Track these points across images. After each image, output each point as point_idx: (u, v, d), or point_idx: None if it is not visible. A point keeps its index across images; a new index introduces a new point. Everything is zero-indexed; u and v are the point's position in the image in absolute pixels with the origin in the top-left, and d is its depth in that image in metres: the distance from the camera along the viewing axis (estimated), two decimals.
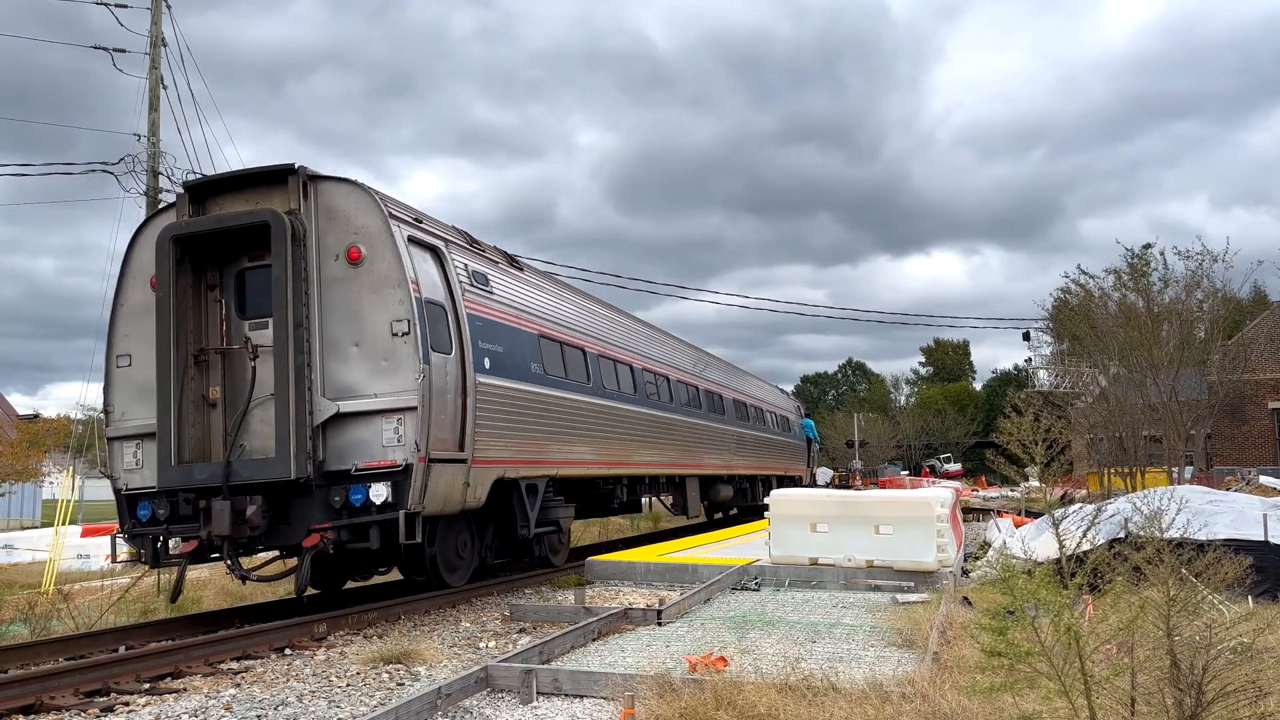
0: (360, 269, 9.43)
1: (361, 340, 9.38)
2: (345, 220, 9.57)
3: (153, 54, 21.68)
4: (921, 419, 76.40)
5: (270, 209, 9.43)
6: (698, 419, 19.59)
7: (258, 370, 9.53)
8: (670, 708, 5.37)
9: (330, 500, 9.14)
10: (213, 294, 9.90)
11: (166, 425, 9.36)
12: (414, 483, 9.09)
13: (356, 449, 9.25)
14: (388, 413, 9.19)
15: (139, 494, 9.77)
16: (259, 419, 9.46)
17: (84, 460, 35.84)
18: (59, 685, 6.85)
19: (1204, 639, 3.93)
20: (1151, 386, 25.46)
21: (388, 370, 9.26)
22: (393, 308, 9.31)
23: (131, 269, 10.16)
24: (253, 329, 9.77)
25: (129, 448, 9.94)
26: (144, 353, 9.80)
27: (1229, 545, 7.36)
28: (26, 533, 26.68)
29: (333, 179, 9.77)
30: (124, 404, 10.05)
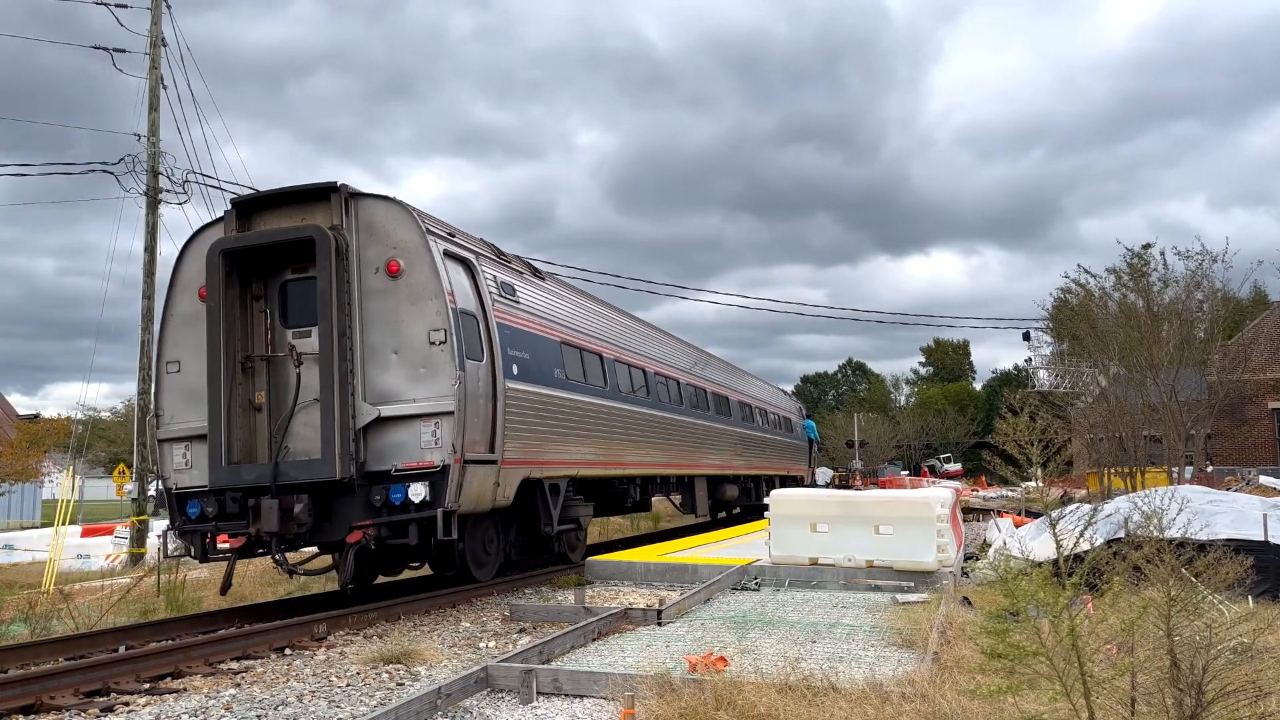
0: (399, 281, 9.98)
1: (400, 348, 9.92)
2: (385, 235, 10.10)
3: (153, 54, 21.68)
4: (921, 419, 76.40)
5: (315, 225, 9.96)
6: (706, 421, 20.10)
7: (302, 376, 10.05)
8: (670, 708, 5.37)
9: (371, 499, 9.64)
10: (258, 304, 10.40)
11: (217, 428, 9.86)
12: (451, 483, 9.59)
13: (396, 451, 9.77)
14: (425, 417, 9.71)
15: (188, 493, 10.26)
16: (302, 422, 9.97)
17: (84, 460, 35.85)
18: (59, 685, 6.85)
19: (1204, 639, 3.93)
20: (1151, 386, 25.45)
21: (425, 377, 9.79)
22: (430, 318, 9.84)
23: (180, 280, 10.71)
24: (296, 337, 10.28)
25: (178, 449, 10.47)
26: (191, 359, 10.38)
27: (1229, 545, 7.36)
28: (26, 533, 26.68)
29: (373, 196, 10.30)
30: (173, 408, 10.59)
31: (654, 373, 17.12)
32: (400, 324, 9.93)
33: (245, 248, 10.12)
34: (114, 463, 34.60)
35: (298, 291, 10.33)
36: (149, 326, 21.27)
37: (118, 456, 37.03)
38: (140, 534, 20.54)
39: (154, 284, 21.30)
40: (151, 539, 20.50)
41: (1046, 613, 4.08)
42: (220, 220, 10.61)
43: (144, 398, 21.63)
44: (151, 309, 21.28)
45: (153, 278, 21.28)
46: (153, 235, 21.29)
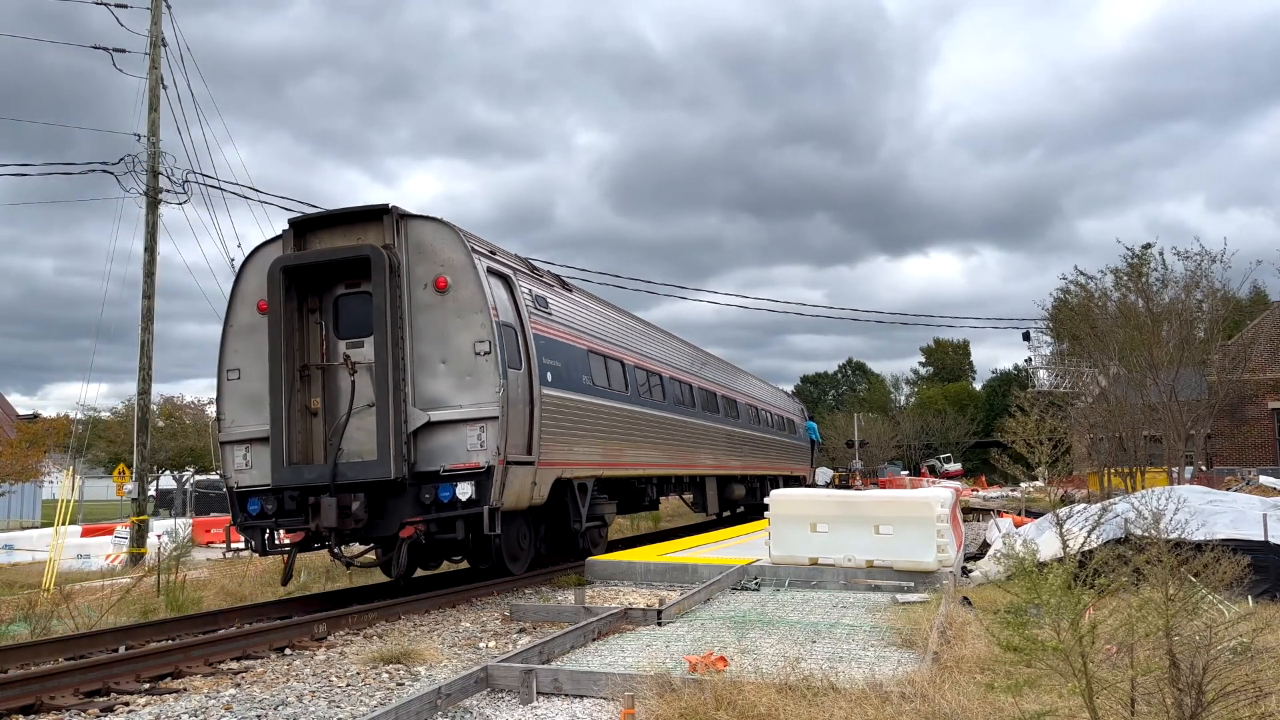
0: (447, 296, 10.76)
1: (448, 358, 10.66)
2: (433, 253, 10.87)
3: (153, 54, 21.68)
4: (921, 419, 76.40)
5: (370, 244, 10.75)
6: (717, 423, 20.92)
7: (356, 383, 10.83)
8: (670, 708, 5.37)
9: (421, 497, 10.41)
10: (313, 316, 11.16)
11: (279, 432, 10.60)
12: (495, 482, 10.36)
13: (443, 453, 10.50)
14: (472, 421, 10.46)
15: (249, 491, 10.99)
16: (356, 426, 10.74)
17: (84, 460, 35.85)
18: (59, 685, 6.85)
19: (1204, 639, 3.93)
20: (1151, 386, 25.45)
21: (471, 385, 10.55)
22: (475, 330, 10.61)
23: (240, 294, 11.45)
24: (349, 347, 11.05)
25: (239, 451, 11.18)
26: (251, 367, 11.17)
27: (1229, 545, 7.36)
28: (26, 533, 26.69)
29: (422, 217, 11.09)
30: (233, 413, 11.33)
31: (669, 377, 17.89)
32: (448, 336, 10.68)
33: (304, 265, 10.90)
34: (114, 463, 34.61)
35: (350, 305, 11.12)
36: (149, 326, 21.27)
37: (118, 456, 37.02)
38: (140, 534, 20.53)
39: (154, 284, 21.29)
40: (151, 539, 20.51)
41: (1065, 613, 4.07)
42: (277, 239, 11.33)
43: (144, 397, 21.64)
44: (152, 309, 21.28)
45: (153, 278, 21.28)
46: (153, 235, 21.28)
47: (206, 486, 42.56)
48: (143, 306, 21.27)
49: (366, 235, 10.92)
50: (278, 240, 11.32)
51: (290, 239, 11.08)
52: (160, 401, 43.13)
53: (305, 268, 10.92)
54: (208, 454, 45.28)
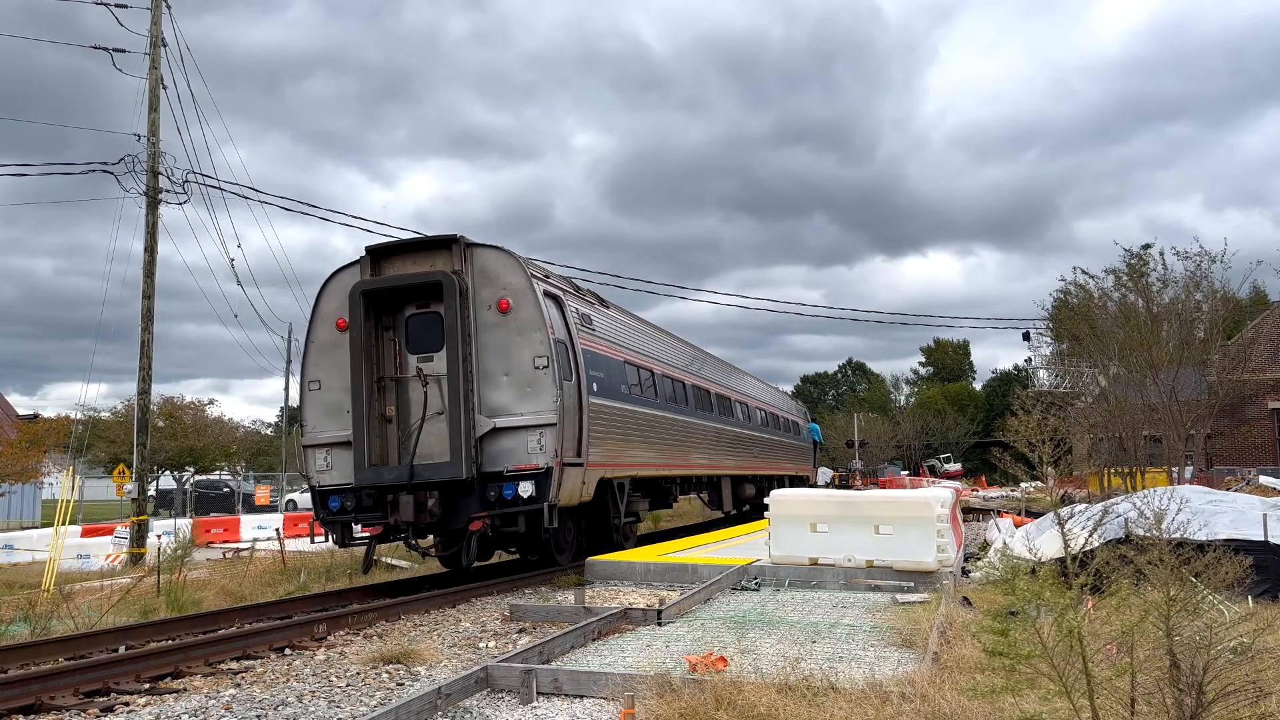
0: (509, 316, 11.99)
1: (510, 371, 11.89)
2: (496, 278, 12.12)
3: (153, 54, 21.67)
4: (921, 419, 76.39)
5: (442, 270, 11.94)
6: (732, 427, 22.35)
7: (428, 394, 11.99)
8: (670, 708, 5.37)
9: (487, 495, 11.63)
10: (388, 334, 12.32)
11: (360, 436, 11.76)
12: (553, 481, 11.60)
13: (506, 455, 11.73)
14: (532, 428, 11.70)
15: (330, 490, 12.12)
16: (427, 431, 11.90)
17: (83, 460, 35.83)
18: (59, 685, 6.85)
19: (1204, 639, 3.92)
20: (1151, 386, 25.45)
21: (531, 395, 11.78)
22: (535, 346, 11.86)
23: (320, 313, 12.61)
24: (420, 361, 12.19)
25: (320, 454, 12.28)
26: (329, 379, 12.35)
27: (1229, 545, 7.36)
28: (26, 533, 26.68)
29: (486, 246, 12.35)
30: (315, 420, 12.46)
31: (690, 385, 19.27)
32: (510, 351, 11.91)
33: (381, 289, 12.11)
34: (114, 463, 34.60)
35: (419, 324, 12.29)
36: (149, 326, 21.27)
37: (118, 456, 36.99)
38: (140, 534, 20.52)
39: (154, 284, 21.29)
40: (151, 539, 20.51)
41: (1050, 612, 4.07)
42: (354, 264, 12.51)
43: (144, 397, 21.63)
44: (151, 309, 21.28)
45: (152, 278, 21.27)
46: (153, 235, 21.28)
47: (206, 487, 42.56)
48: (143, 306, 21.27)
49: (435, 262, 12.15)
50: (354, 265, 12.51)
51: (367, 265, 12.33)
52: (160, 401, 43.11)
53: (382, 291, 12.12)
54: (207, 454, 45.33)
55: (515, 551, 13.45)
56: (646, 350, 16.81)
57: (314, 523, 12.82)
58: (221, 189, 22.80)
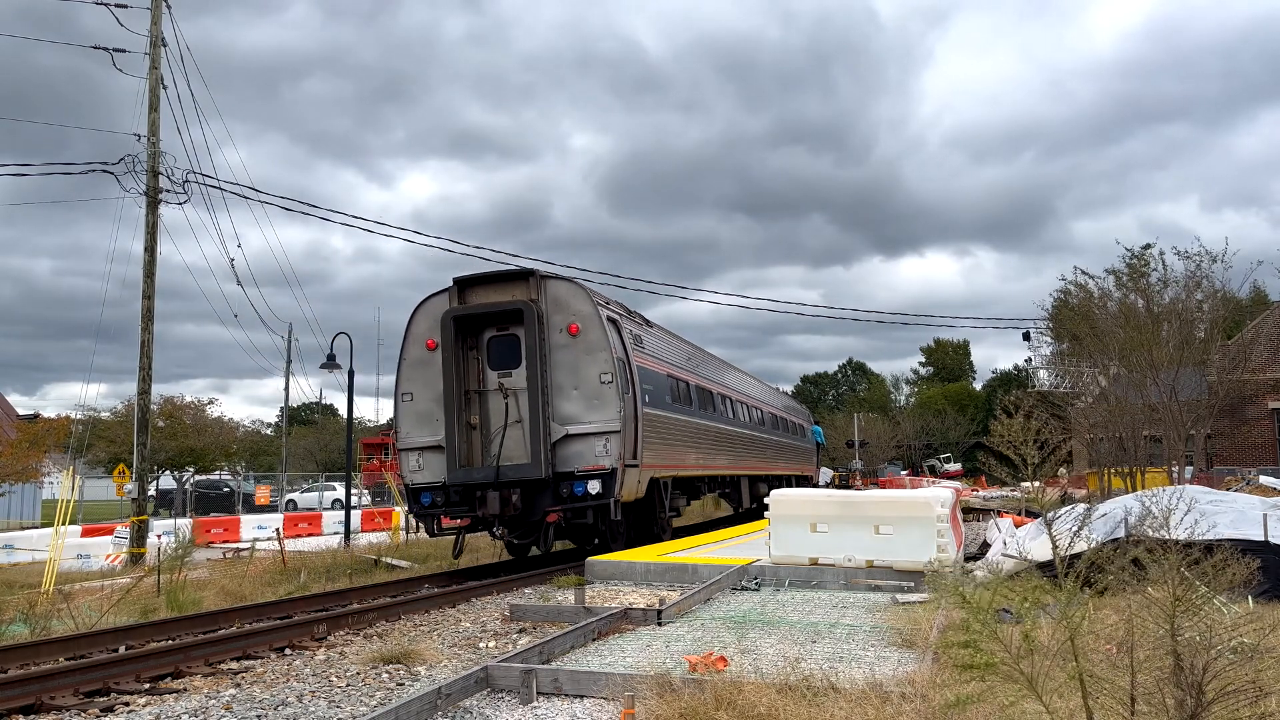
0: (578, 339, 13.78)
1: (579, 386, 13.69)
2: (566, 305, 13.93)
3: (153, 54, 21.67)
4: (921, 419, 76.37)
5: (521, 299, 13.79)
6: (752, 431, 24.34)
7: (508, 405, 13.85)
8: (670, 708, 5.37)
9: (560, 492, 13.40)
10: (471, 353, 14.14)
11: (452, 441, 13.53)
12: (617, 480, 13.43)
13: (577, 458, 13.52)
14: (599, 434, 13.49)
15: (422, 487, 13.90)
16: (508, 437, 13.72)
17: (84, 460, 35.82)
18: (59, 685, 6.85)
19: (1205, 639, 3.92)
20: (1151, 386, 25.44)
21: (598, 406, 13.58)
22: (600, 364, 13.68)
23: (412, 334, 14.35)
24: (501, 377, 14.00)
25: (413, 456, 14.03)
26: (420, 391, 14.07)
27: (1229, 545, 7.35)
28: (26, 533, 26.67)
29: (557, 278, 14.34)
30: (408, 427, 14.15)
31: (718, 394, 21.17)
32: (579, 369, 13.68)
33: (468, 315, 13.93)
34: (114, 463, 34.58)
35: (499, 344, 14.08)
36: (149, 326, 21.26)
37: (118, 456, 36.97)
38: (140, 534, 20.51)
39: (154, 284, 21.29)
40: (151, 539, 20.50)
41: (1046, 615, 4.07)
42: (442, 292, 14.31)
43: (144, 397, 21.62)
44: (151, 309, 21.28)
45: (153, 278, 21.27)
46: (153, 235, 21.27)
47: (206, 487, 42.55)
48: (143, 306, 21.26)
49: (514, 291, 13.97)
50: (442, 293, 14.26)
51: (455, 294, 14.15)
52: (160, 401, 43.09)
53: (468, 316, 13.95)
54: (208, 454, 45.31)
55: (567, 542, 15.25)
56: (684, 364, 18.82)
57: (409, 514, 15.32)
58: (221, 189, 22.82)
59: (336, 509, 34.64)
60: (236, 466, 55.54)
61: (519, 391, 13.75)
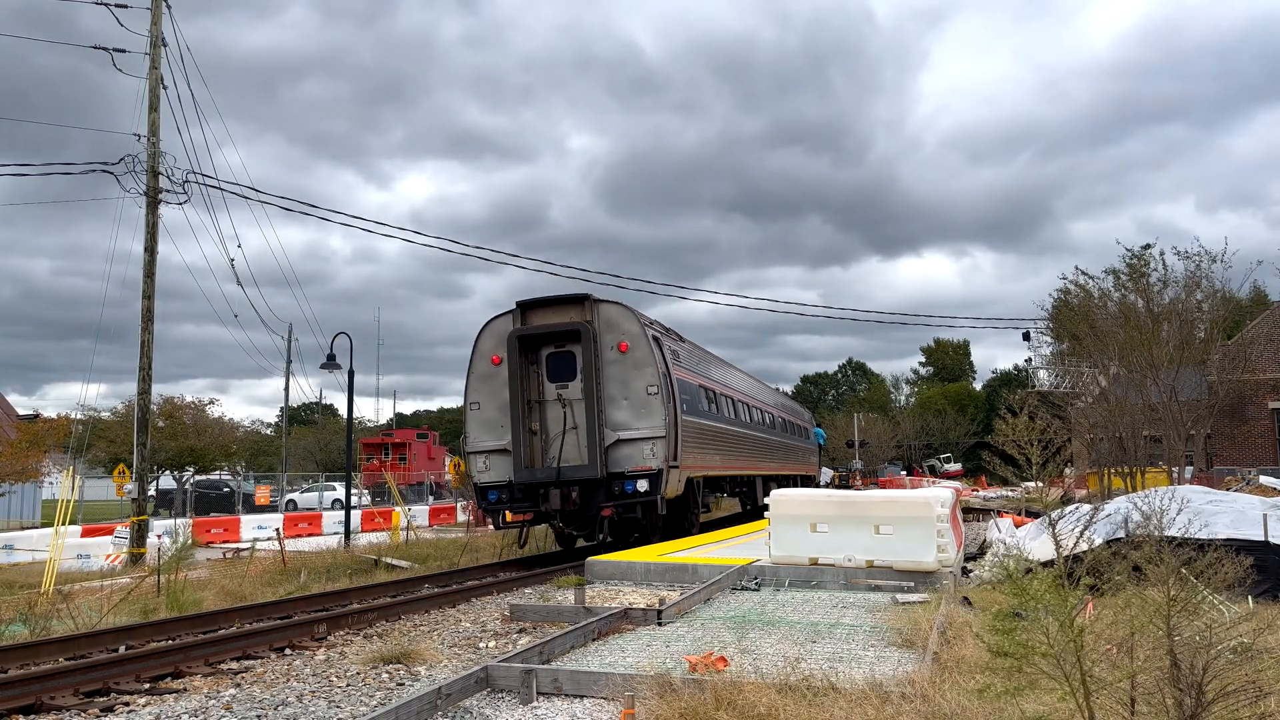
0: (627, 356, 15.57)
1: (628, 397, 15.48)
2: (616, 326, 15.76)
3: (153, 54, 21.66)
4: (921, 419, 76.36)
5: (577, 320, 15.67)
6: (767, 434, 26.24)
7: (565, 413, 15.69)
8: (670, 708, 5.37)
9: (612, 490, 15.18)
10: (532, 367, 15.91)
11: (518, 445, 15.43)
12: (663, 480, 15.23)
13: (627, 460, 15.29)
14: (646, 439, 15.29)
15: (489, 485, 15.82)
16: (566, 442, 15.58)
17: (84, 460, 35.81)
18: (59, 685, 6.85)
19: (1204, 639, 3.92)
20: (1151, 386, 25.45)
21: (645, 414, 15.39)
22: (647, 378, 15.48)
23: (479, 350, 16.23)
24: (558, 388, 15.85)
25: (480, 458, 15.91)
26: (486, 401, 15.98)
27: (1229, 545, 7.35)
28: (26, 533, 26.65)
29: (608, 301, 16.21)
30: (476, 433, 16.04)
31: (739, 401, 22.98)
32: (628, 381, 15.49)
33: (530, 334, 15.79)
34: (114, 463, 34.54)
35: (556, 359, 15.90)
36: (149, 326, 21.26)
37: (118, 456, 36.95)
38: (140, 534, 20.51)
39: (154, 284, 21.28)
40: (151, 539, 20.50)
41: (1054, 614, 4.07)
42: (506, 314, 16.21)
43: (144, 397, 21.62)
44: (151, 309, 21.27)
45: (153, 278, 21.26)
46: (153, 235, 21.26)
47: (206, 487, 42.54)
48: (143, 306, 21.25)
49: (570, 313, 15.83)
50: (506, 314, 16.22)
51: (518, 315, 16.03)
52: (160, 402, 43.08)
53: (531, 336, 15.78)
54: (208, 454, 45.29)
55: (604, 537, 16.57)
56: (711, 375, 20.73)
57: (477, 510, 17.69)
58: (221, 189, 22.81)
59: (336, 509, 34.64)
60: (236, 466, 55.53)
61: (575, 401, 15.65)
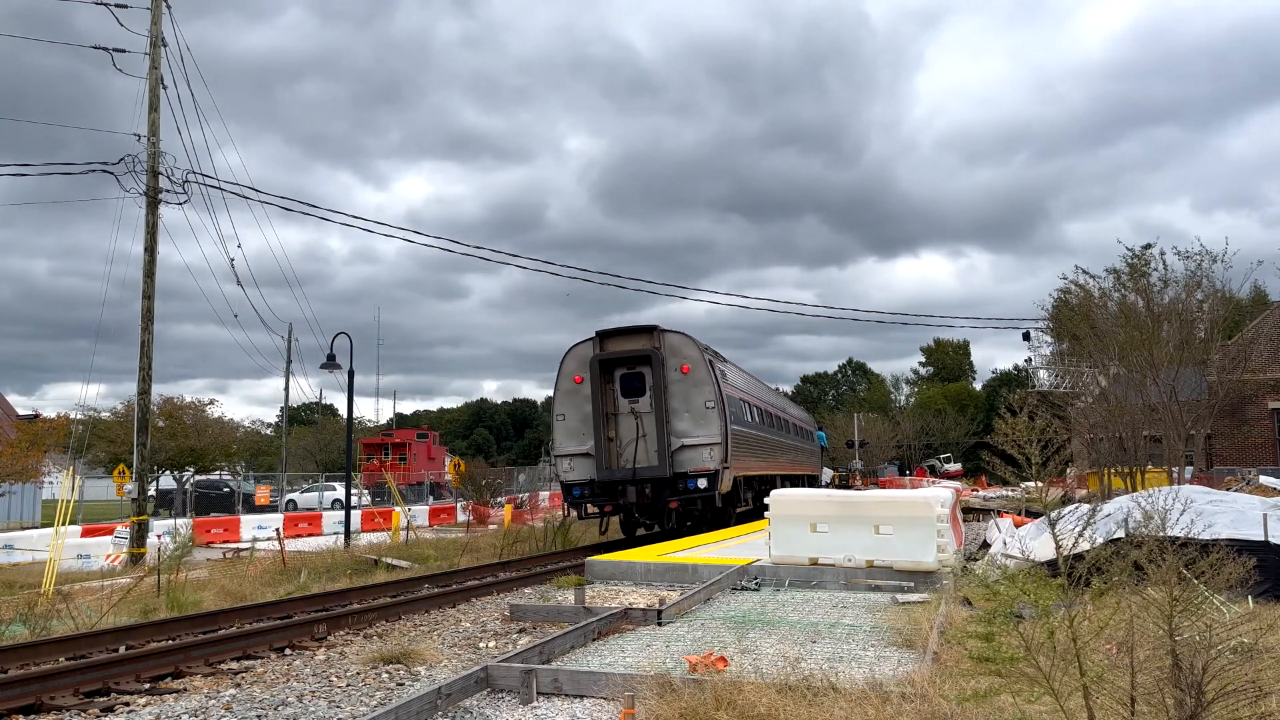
0: (688, 377, 18.85)
1: (689, 410, 18.75)
2: (679, 351, 19.10)
3: (153, 54, 21.66)
4: (921, 419, 76.36)
5: (647, 347, 19.04)
6: (784, 438, 29.28)
7: (636, 424, 18.95)
8: (670, 708, 5.37)
9: (677, 486, 18.45)
10: (608, 386, 19.19)
11: (600, 450, 18.75)
12: (719, 479, 18.47)
13: (689, 462, 18.59)
14: (705, 445, 18.58)
15: (573, 483, 19.08)
16: (639, 447, 18.83)
17: (84, 460, 35.79)
18: (59, 685, 6.85)
19: (1204, 639, 3.92)
20: (1151, 386, 25.43)
21: (704, 424, 18.68)
22: (705, 395, 18.78)
23: (564, 371, 19.46)
24: (630, 402, 19.15)
25: (566, 461, 19.21)
26: (570, 413, 19.23)
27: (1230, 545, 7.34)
28: (26, 533, 26.63)
29: (673, 331, 19.39)
30: (561, 440, 19.33)
31: (765, 410, 26.22)
32: (689, 398, 18.76)
33: (608, 358, 19.09)
34: (114, 463, 34.50)
35: (628, 378, 19.17)
36: (149, 326, 21.25)
37: (118, 456, 36.93)
38: (140, 534, 20.50)
39: (154, 284, 21.27)
40: (151, 539, 20.49)
41: (1034, 615, 4.07)
42: (587, 340, 19.48)
43: (144, 397, 21.61)
44: (151, 309, 21.27)
45: (153, 278, 21.25)
46: (152, 235, 21.26)
47: (206, 487, 42.52)
48: (143, 306, 21.25)
49: (640, 341, 19.21)
50: (586, 342, 19.44)
51: (597, 342, 19.31)
52: (160, 402, 43.06)
53: (607, 359, 19.09)
54: (208, 454, 45.27)
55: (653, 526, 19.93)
56: (749, 390, 24.24)
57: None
58: (221, 189, 22.80)
59: (336, 509, 34.63)
60: (236, 466, 55.52)
61: (644, 414, 18.87)
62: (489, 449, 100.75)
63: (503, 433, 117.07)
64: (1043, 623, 4.05)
